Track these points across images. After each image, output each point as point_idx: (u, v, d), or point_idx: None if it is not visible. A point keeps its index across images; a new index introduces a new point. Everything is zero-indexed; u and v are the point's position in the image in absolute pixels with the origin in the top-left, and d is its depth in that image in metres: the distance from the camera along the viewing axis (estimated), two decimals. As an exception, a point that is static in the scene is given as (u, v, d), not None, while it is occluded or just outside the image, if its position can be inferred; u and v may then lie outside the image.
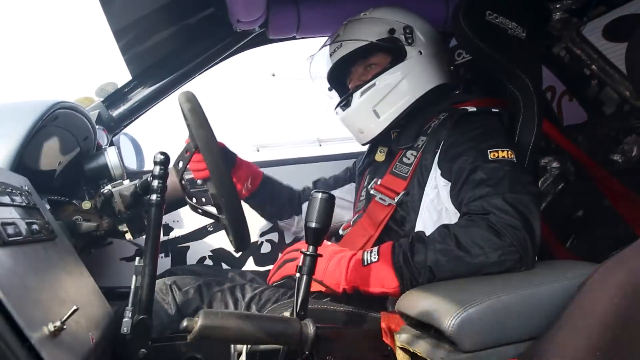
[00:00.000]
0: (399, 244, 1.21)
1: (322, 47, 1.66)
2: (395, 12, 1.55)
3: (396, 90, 1.48)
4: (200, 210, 1.26)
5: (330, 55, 1.61)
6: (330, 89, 1.72)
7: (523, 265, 1.13)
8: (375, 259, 1.20)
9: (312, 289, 1.06)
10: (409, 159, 1.42)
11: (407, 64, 1.49)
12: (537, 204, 1.19)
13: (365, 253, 1.23)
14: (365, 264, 1.21)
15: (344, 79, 1.63)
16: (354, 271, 1.21)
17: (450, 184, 1.30)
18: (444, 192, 1.32)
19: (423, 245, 1.17)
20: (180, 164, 1.24)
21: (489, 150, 1.26)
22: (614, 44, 1.67)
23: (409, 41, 1.49)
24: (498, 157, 1.25)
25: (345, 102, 1.57)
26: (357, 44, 1.51)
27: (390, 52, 1.51)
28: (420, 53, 1.50)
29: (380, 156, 1.57)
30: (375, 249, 1.23)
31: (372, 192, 1.48)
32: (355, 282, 1.21)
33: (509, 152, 1.26)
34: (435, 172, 1.36)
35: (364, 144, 1.62)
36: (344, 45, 1.54)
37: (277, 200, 1.79)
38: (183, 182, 1.32)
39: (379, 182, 1.48)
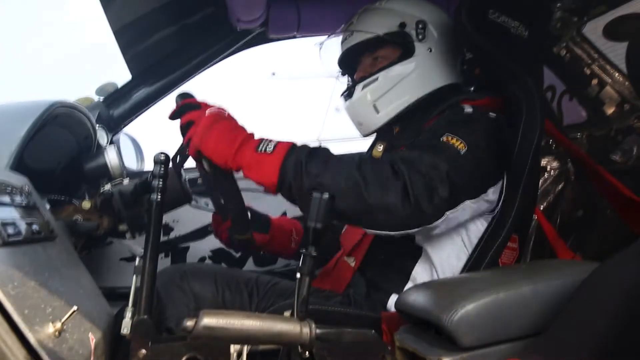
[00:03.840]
0: (299, 148, 1.16)
1: (335, 34, 1.61)
2: (411, 5, 1.49)
3: (398, 87, 1.44)
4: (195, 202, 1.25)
5: (342, 42, 1.57)
6: (343, 75, 1.67)
7: (409, 206, 1.07)
8: (270, 151, 1.14)
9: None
10: None
11: (414, 61, 1.44)
12: (452, 180, 1.11)
13: (264, 141, 1.17)
14: (258, 151, 1.15)
15: (356, 66, 1.58)
16: (245, 154, 1.15)
17: None
18: None
19: (324, 161, 1.12)
20: (179, 159, 1.24)
21: (446, 134, 1.21)
22: (614, 43, 1.67)
23: (420, 37, 1.44)
24: (448, 142, 1.19)
25: (348, 92, 1.54)
26: (365, 35, 1.48)
27: (399, 46, 1.47)
28: (430, 50, 1.44)
29: (377, 153, 1.54)
30: (275, 141, 1.17)
31: None
32: (240, 164, 1.16)
33: (462, 144, 1.19)
34: None
35: (364, 136, 1.60)
36: (354, 35, 1.50)
37: None
38: (182, 177, 1.33)
39: None
